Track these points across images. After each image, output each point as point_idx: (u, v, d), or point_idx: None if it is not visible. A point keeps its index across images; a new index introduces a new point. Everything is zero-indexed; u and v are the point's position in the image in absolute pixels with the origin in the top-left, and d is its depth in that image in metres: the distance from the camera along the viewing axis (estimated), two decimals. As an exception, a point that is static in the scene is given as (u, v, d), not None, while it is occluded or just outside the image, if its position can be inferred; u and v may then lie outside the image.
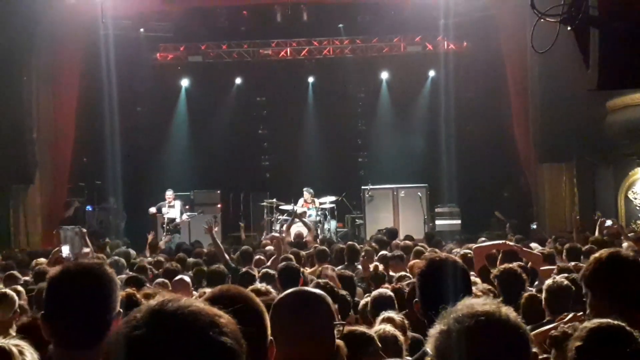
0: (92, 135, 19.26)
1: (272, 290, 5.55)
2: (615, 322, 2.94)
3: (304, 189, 19.03)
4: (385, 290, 6.24)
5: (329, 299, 2.84)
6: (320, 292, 2.87)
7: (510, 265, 6.35)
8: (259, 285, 5.71)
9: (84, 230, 12.42)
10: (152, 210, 18.59)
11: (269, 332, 2.30)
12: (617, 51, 5.67)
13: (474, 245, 9.18)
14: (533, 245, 10.53)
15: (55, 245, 11.27)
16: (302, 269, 7.76)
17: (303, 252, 10.53)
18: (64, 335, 2.60)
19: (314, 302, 2.75)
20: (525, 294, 5.81)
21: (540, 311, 5.44)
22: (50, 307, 2.69)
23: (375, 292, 6.15)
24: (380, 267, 8.82)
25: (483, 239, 12.33)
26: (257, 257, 10.28)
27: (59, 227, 14.18)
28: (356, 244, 10.78)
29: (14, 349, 2.77)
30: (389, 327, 4.60)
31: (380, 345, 4.32)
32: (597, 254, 3.75)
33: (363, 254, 9.78)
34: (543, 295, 5.49)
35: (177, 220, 18.31)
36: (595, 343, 2.88)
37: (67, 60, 18.28)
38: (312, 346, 2.65)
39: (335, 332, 2.78)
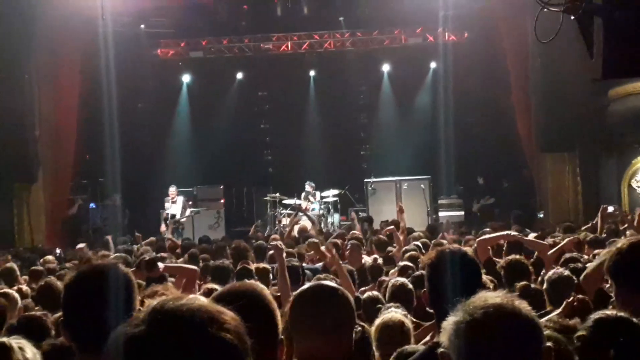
0: (94, 132, 19.18)
1: None
2: (621, 312, 2.95)
3: (306, 182, 19.05)
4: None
5: (349, 295, 2.75)
6: (340, 287, 2.78)
7: (517, 256, 6.32)
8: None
9: None
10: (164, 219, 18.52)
11: (280, 329, 2.28)
12: (621, 40, 5.63)
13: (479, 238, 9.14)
14: (532, 235, 10.45)
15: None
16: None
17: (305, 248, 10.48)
18: (84, 339, 2.55)
19: (335, 296, 2.66)
20: (522, 283, 5.74)
21: (542, 302, 5.40)
22: (69, 313, 2.67)
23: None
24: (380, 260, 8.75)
25: (487, 229, 12.25)
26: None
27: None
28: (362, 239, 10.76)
29: (15, 345, 2.76)
30: (395, 314, 4.62)
31: (385, 334, 4.36)
32: (618, 244, 3.75)
33: (348, 247, 9.56)
34: (544, 286, 5.45)
35: (178, 216, 18.23)
36: (600, 333, 2.89)
37: (67, 58, 18.23)
38: (332, 341, 2.57)
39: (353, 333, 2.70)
